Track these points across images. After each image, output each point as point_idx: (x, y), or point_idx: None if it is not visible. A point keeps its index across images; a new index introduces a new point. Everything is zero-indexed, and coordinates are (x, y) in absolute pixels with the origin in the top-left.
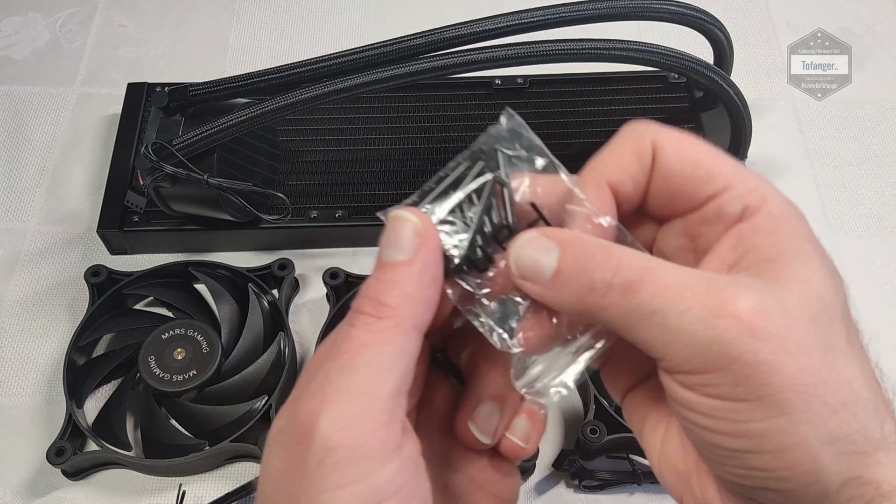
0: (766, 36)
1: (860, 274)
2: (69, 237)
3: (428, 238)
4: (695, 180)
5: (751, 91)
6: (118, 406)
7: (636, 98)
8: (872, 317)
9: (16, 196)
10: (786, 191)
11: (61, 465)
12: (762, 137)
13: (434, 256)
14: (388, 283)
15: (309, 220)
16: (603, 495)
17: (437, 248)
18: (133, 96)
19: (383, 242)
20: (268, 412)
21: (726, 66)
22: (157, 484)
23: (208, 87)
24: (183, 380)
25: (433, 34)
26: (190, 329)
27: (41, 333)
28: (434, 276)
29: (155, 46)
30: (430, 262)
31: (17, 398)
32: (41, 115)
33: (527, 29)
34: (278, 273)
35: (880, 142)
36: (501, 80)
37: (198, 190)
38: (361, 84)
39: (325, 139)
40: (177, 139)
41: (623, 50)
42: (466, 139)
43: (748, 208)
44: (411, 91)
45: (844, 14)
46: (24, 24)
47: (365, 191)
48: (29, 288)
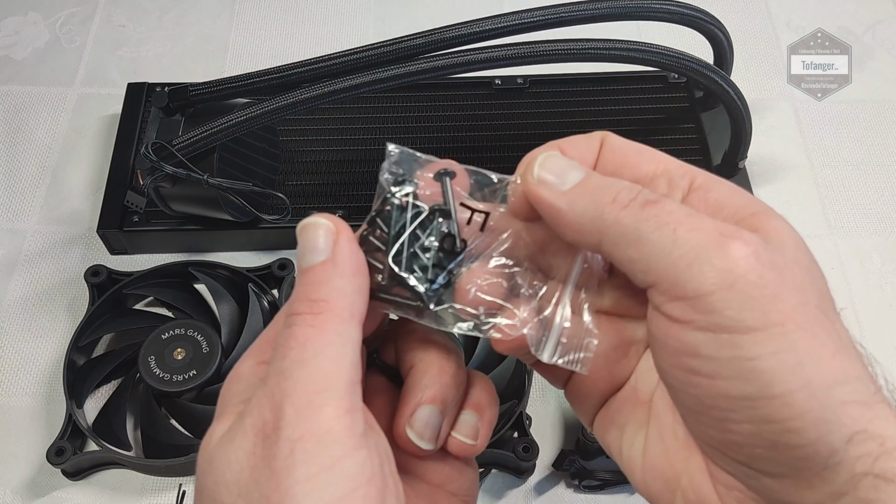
0: (766, 36)
1: (860, 274)
2: (69, 237)
3: (340, 233)
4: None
5: (751, 91)
6: (118, 406)
7: (636, 98)
8: (872, 317)
9: (16, 196)
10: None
11: (61, 465)
12: (762, 137)
13: (351, 247)
14: (316, 282)
15: None
16: (603, 495)
17: (351, 240)
18: (133, 96)
19: (300, 252)
20: None
21: (726, 66)
22: (157, 484)
23: (208, 87)
24: (183, 380)
25: (433, 34)
26: (190, 329)
27: (41, 333)
28: (357, 266)
29: (155, 46)
30: (349, 254)
31: (17, 398)
32: (41, 115)
33: (527, 29)
34: (278, 273)
35: (880, 142)
36: (501, 80)
37: (198, 190)
38: (361, 84)
39: (325, 139)
40: (177, 139)
41: (623, 50)
42: (466, 139)
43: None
44: (411, 91)
45: (844, 14)
46: (24, 24)
47: (365, 191)
48: (29, 288)
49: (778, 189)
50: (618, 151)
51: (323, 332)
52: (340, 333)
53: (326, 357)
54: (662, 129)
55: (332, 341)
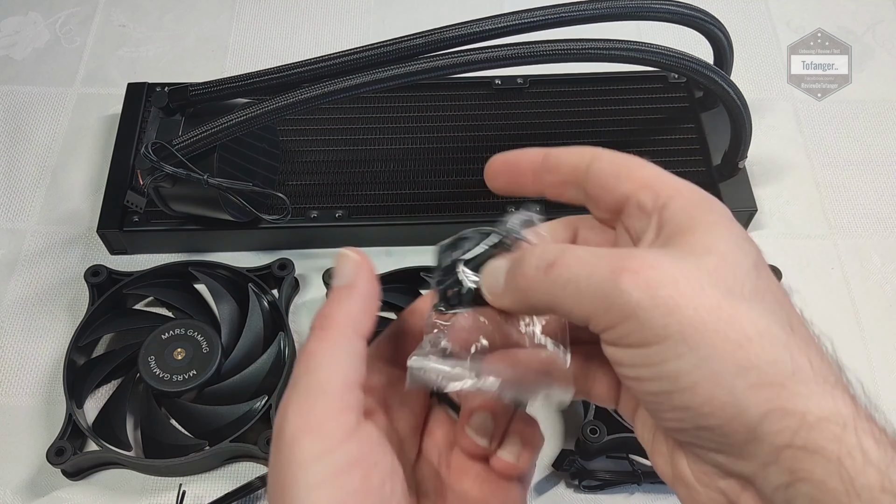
0: (766, 36)
1: (860, 274)
2: (69, 237)
3: (363, 266)
4: (616, 177)
5: (751, 91)
6: (118, 406)
7: (636, 98)
8: (872, 317)
9: (16, 196)
10: (786, 191)
11: (61, 465)
12: (762, 137)
13: (368, 277)
14: (334, 303)
15: (309, 220)
16: (603, 495)
17: (370, 272)
18: (133, 96)
19: (333, 276)
20: (268, 412)
21: (726, 66)
22: (157, 484)
23: (208, 87)
24: (183, 380)
25: (433, 34)
26: (190, 329)
27: (41, 333)
28: (369, 292)
29: (155, 46)
30: (365, 283)
31: (17, 398)
32: (41, 115)
33: (527, 29)
34: (278, 273)
35: (880, 142)
36: (501, 80)
37: (198, 190)
38: (361, 84)
39: (325, 139)
40: (177, 139)
41: (623, 50)
42: (466, 139)
43: (664, 197)
44: (411, 91)
45: (844, 14)
46: (24, 24)
47: (365, 191)
48: (29, 288)
49: (778, 189)
50: (601, 175)
51: (328, 345)
52: (341, 346)
53: (327, 366)
54: (662, 129)
55: (334, 353)
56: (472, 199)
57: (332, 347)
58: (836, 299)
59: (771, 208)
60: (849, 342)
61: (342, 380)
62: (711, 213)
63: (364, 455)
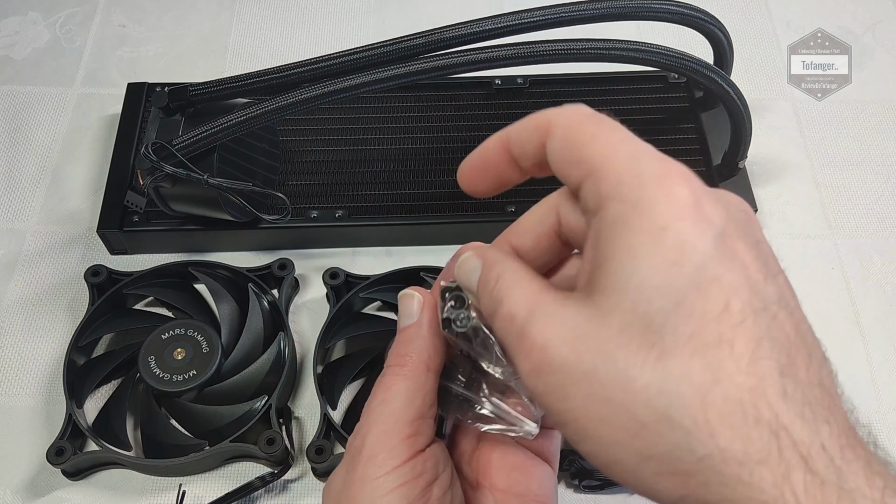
0: (766, 36)
1: (860, 274)
2: (69, 237)
3: (428, 304)
4: (568, 163)
5: (751, 91)
6: (118, 406)
7: (636, 98)
8: (872, 317)
9: (16, 196)
10: (786, 191)
11: (61, 465)
12: (762, 137)
13: (433, 315)
14: (405, 341)
15: (309, 220)
16: (603, 495)
17: (434, 309)
18: (133, 96)
19: (399, 315)
20: (267, 412)
21: (726, 66)
22: (157, 484)
23: (208, 87)
24: (183, 380)
25: (433, 34)
26: (190, 329)
27: (41, 333)
28: (436, 329)
29: (155, 46)
30: (431, 321)
31: (17, 398)
32: (41, 115)
33: (527, 29)
34: (278, 273)
35: (880, 142)
36: (501, 80)
37: (198, 190)
38: (361, 84)
39: (325, 139)
40: (177, 139)
41: (623, 50)
42: (466, 139)
43: (603, 196)
44: (411, 91)
45: (844, 14)
46: (24, 24)
47: (365, 191)
48: (29, 288)
49: (778, 189)
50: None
51: (404, 380)
52: (416, 381)
53: (402, 399)
54: (662, 129)
55: (408, 387)
56: (471, 199)
57: (405, 381)
58: (835, 299)
59: (771, 208)
60: (849, 342)
61: (414, 411)
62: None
63: (427, 469)
